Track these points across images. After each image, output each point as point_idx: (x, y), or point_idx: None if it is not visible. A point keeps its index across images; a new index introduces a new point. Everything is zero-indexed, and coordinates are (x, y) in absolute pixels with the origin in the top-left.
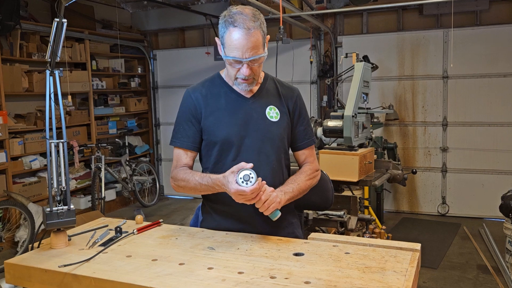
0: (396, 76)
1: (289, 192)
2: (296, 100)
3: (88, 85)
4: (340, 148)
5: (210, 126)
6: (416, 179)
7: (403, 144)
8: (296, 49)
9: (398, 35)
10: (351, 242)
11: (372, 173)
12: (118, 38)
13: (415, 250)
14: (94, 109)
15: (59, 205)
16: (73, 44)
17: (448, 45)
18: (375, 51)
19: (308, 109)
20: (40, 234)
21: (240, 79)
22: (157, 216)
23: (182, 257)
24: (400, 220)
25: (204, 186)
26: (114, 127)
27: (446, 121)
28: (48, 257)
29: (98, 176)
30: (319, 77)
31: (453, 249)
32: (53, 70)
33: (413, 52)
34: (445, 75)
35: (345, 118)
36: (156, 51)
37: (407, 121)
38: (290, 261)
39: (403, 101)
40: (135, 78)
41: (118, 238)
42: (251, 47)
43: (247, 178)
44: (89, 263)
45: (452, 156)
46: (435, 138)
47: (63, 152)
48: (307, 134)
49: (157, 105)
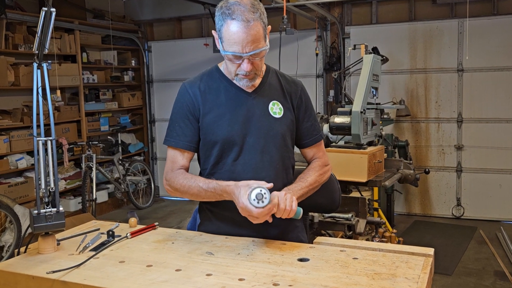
0: (407, 69)
1: (298, 190)
2: (301, 94)
3: (78, 79)
4: (347, 146)
5: (210, 124)
6: (429, 180)
7: (415, 142)
8: (300, 40)
9: (410, 25)
10: (359, 247)
11: (382, 173)
12: (111, 28)
13: (428, 255)
14: (84, 105)
15: (47, 207)
16: (62, 35)
17: (463, 36)
18: (385, 43)
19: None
20: (27, 238)
21: (241, 75)
22: (152, 219)
23: (179, 263)
24: (412, 223)
25: (210, 193)
26: (106, 124)
27: (461, 117)
28: (35, 263)
29: (89, 176)
30: (325, 71)
31: (468, 254)
32: (40, 62)
33: (426, 44)
34: (460, 68)
35: (353, 114)
36: (151, 43)
37: (420, 118)
38: (295, 267)
39: (415, 96)
40: (128, 72)
41: (111, 242)
42: (251, 41)
43: (260, 197)
44: (79, 269)
45: (467, 155)
46: (449, 135)
47: (51, 151)
48: (315, 129)
49: (152, 100)
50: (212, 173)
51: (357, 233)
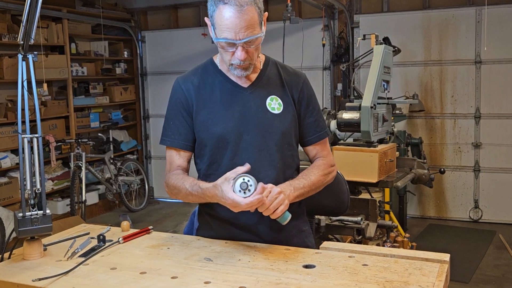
0: (421, 61)
1: (299, 188)
2: (303, 87)
3: (66, 72)
4: (357, 144)
5: (203, 121)
6: (444, 180)
7: (430, 139)
8: (306, 30)
9: (424, 13)
10: (369, 253)
11: (393, 173)
12: (101, 17)
13: (443, 261)
14: (73, 99)
15: (33, 209)
16: (50, 24)
17: (482, 25)
18: (397, 32)
19: (320, 99)
20: (11, 243)
21: (235, 64)
22: (146, 222)
23: (175, 270)
24: (426, 227)
25: (195, 196)
26: (97, 120)
27: (479, 112)
28: (20, 270)
29: (78, 176)
30: (332, 62)
31: (487, 260)
32: (26, 54)
33: (441, 34)
34: (478, 60)
35: (363, 109)
36: (145, 32)
37: (434, 113)
38: (299, 274)
39: (430, 90)
40: (120, 64)
41: (101, 247)
42: (245, 26)
43: (245, 187)
44: (68, 276)
45: (486, 153)
46: (466, 132)
47: (37, 149)
48: (319, 126)
49: (146, 95)
50: (207, 175)
51: (367, 237)
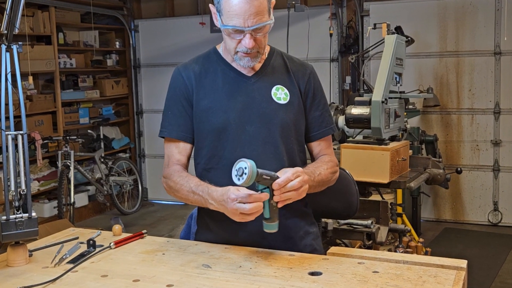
0: (436, 52)
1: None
2: (310, 79)
3: (53, 63)
4: (367, 141)
5: (204, 111)
6: (461, 180)
7: (445, 136)
8: (312, 18)
9: (439, 1)
10: (380, 259)
11: (406, 173)
12: (91, 5)
13: (460, 268)
14: (61, 93)
15: (17, 212)
16: (35, 12)
17: (501, 14)
18: (411, 21)
19: (327, 93)
20: None
21: (242, 52)
22: (139, 226)
23: (171, 277)
24: (441, 231)
25: (197, 196)
26: (86, 116)
27: (499, 108)
28: (4, 277)
29: (66, 177)
30: (340, 54)
31: (507, 267)
32: (10, 44)
33: (458, 22)
34: (498, 51)
35: (373, 104)
36: (138, 21)
37: (450, 108)
38: (305, 282)
39: (445, 83)
40: (112, 55)
41: (91, 253)
42: (255, 13)
43: (240, 173)
44: (55, 284)
45: (506, 152)
46: (485, 129)
47: (22, 147)
48: (324, 120)
49: (140, 88)
50: (207, 169)
51: (378, 242)
